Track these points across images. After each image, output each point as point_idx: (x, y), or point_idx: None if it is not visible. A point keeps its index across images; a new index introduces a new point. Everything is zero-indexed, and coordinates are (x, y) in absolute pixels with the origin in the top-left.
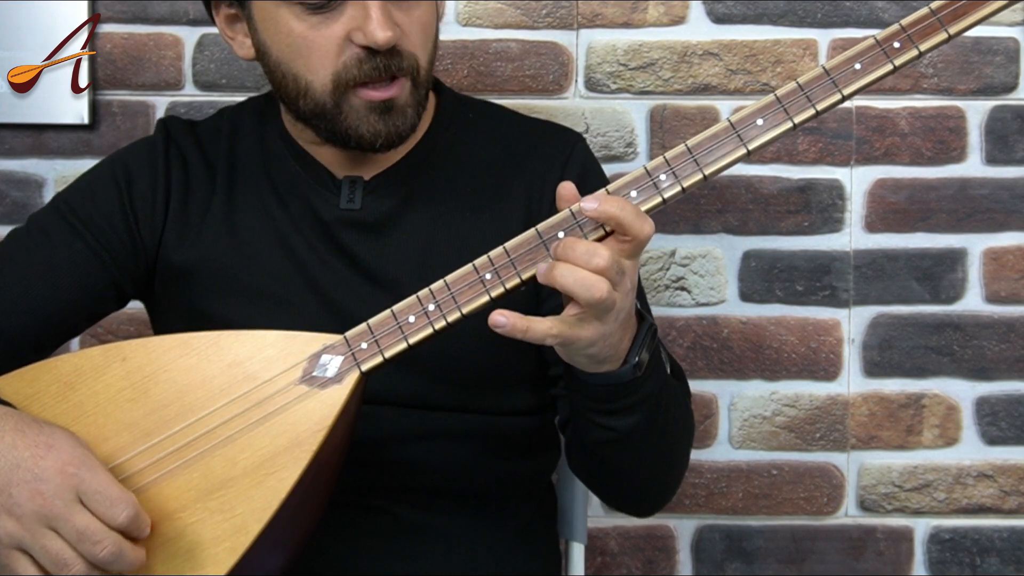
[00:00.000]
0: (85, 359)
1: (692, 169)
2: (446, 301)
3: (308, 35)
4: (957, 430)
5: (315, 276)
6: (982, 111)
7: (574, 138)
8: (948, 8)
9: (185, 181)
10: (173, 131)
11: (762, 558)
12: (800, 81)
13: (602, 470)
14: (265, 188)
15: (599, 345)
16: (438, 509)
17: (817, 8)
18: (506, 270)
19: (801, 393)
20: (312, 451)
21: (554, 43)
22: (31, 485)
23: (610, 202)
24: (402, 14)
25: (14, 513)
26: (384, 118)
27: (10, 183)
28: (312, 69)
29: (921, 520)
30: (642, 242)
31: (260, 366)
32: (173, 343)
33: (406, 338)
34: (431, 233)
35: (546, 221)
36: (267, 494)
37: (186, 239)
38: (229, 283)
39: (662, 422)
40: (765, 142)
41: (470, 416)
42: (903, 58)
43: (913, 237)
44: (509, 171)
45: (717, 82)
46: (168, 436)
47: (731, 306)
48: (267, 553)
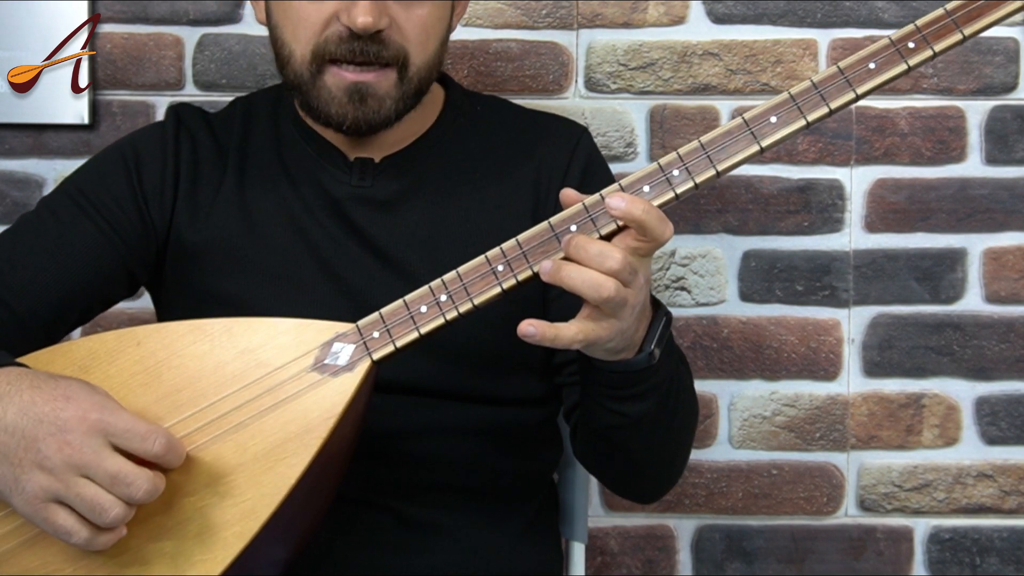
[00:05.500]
0: (99, 343)
1: (705, 165)
2: (458, 292)
3: (301, 4)
4: (957, 430)
5: (326, 255)
6: (982, 111)
7: (580, 129)
8: (963, 9)
9: (195, 162)
10: (184, 116)
11: (762, 558)
12: (814, 79)
13: (611, 455)
14: (276, 169)
15: (617, 339)
16: (443, 506)
17: (817, 8)
18: (518, 262)
19: (801, 393)
20: (322, 438)
21: (554, 43)
22: (57, 436)
23: (636, 203)
24: (400, 9)
25: (44, 466)
26: (355, 103)
27: (10, 183)
28: (296, 38)
29: (921, 520)
30: (660, 245)
31: (272, 353)
32: (187, 328)
33: (418, 328)
34: (440, 214)
35: (559, 215)
36: (277, 480)
37: (197, 220)
38: (240, 262)
39: (672, 406)
40: (778, 139)
41: (478, 407)
42: (917, 58)
43: (913, 237)
44: (517, 158)
45: (717, 82)
46: (180, 421)
47: (731, 306)
48: (275, 540)
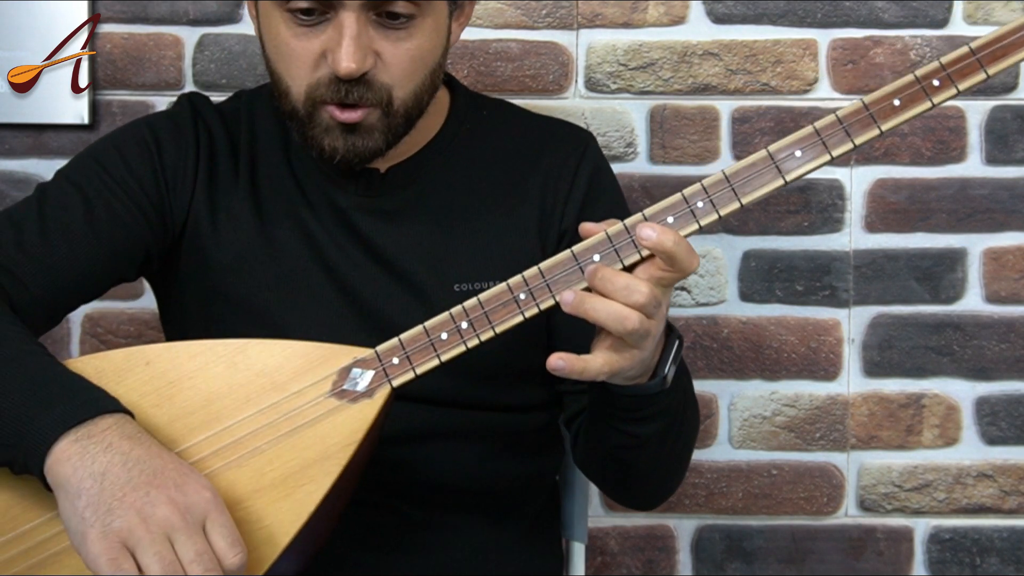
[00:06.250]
0: (106, 361)
1: (730, 197)
2: (479, 320)
3: (291, 43)
4: (957, 430)
5: (333, 263)
6: (982, 111)
7: (586, 137)
8: (988, 49)
9: (211, 155)
10: (199, 105)
11: (762, 558)
12: (839, 115)
13: (616, 471)
14: (285, 174)
15: (637, 368)
16: (445, 507)
17: (817, 8)
18: (540, 292)
19: (801, 393)
20: (342, 465)
21: (554, 43)
22: (169, 492)
23: (667, 234)
24: (388, 44)
25: (144, 512)
26: (345, 136)
27: (10, 183)
28: (291, 75)
29: (921, 520)
30: (686, 276)
31: (288, 376)
32: (199, 349)
33: (438, 355)
34: (446, 224)
35: (581, 244)
36: (295, 507)
37: (214, 215)
38: (250, 264)
39: (679, 424)
40: (802, 173)
41: (482, 414)
42: (941, 96)
43: (913, 237)
44: (523, 167)
45: (717, 82)
46: (193, 444)
47: (731, 306)
48: (291, 561)
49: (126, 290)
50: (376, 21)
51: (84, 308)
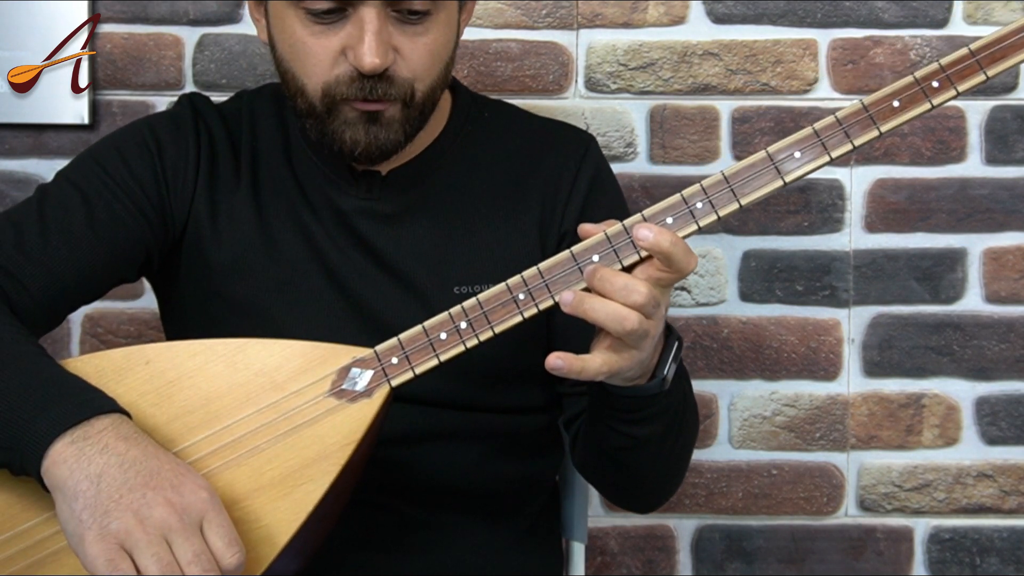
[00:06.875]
0: (106, 360)
1: (728, 198)
2: (478, 320)
3: (308, 41)
4: (957, 430)
5: (334, 266)
6: (982, 111)
7: (587, 139)
8: (987, 50)
9: (212, 156)
10: (199, 106)
11: (762, 558)
12: (839, 116)
13: (615, 473)
14: (286, 175)
15: (636, 368)
16: (445, 508)
17: (817, 8)
18: (539, 292)
19: (801, 393)
20: (340, 465)
21: (554, 43)
22: (165, 493)
23: (664, 235)
24: (406, 39)
25: (140, 514)
26: (368, 127)
27: (10, 183)
28: (307, 74)
29: (921, 520)
30: (684, 276)
31: (287, 376)
32: (198, 348)
33: (437, 355)
34: (447, 228)
35: (580, 244)
36: (294, 506)
37: (214, 217)
38: (251, 266)
39: (678, 426)
40: (802, 174)
41: (482, 415)
42: (941, 97)
43: (913, 237)
44: (524, 170)
45: (717, 82)
46: (192, 444)
47: (731, 306)
48: (289, 560)
49: (126, 290)
50: (395, 17)
51: (84, 308)
